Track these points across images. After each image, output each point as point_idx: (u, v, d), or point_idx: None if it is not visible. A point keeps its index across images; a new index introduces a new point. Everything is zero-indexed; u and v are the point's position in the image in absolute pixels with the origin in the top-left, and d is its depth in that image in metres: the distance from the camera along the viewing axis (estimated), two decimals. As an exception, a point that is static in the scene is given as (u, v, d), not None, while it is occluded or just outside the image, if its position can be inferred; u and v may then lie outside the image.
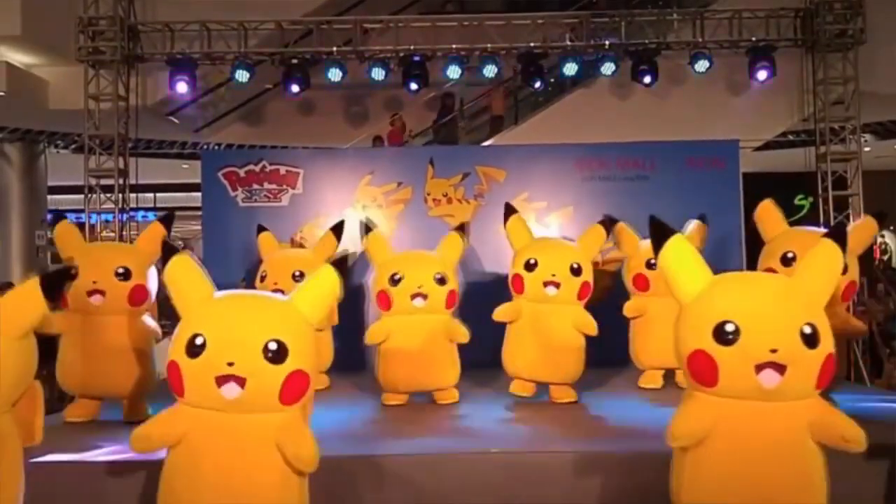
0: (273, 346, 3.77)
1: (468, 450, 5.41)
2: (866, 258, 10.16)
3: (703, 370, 3.70)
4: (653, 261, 7.38)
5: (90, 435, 5.76)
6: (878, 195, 11.92)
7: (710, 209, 8.68)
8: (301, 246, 9.33)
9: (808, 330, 3.66)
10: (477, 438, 5.87)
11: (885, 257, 19.59)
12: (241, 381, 3.74)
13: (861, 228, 6.49)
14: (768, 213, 6.65)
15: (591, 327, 6.80)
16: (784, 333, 3.65)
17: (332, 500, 4.94)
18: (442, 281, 6.87)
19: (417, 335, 6.84)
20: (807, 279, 3.90)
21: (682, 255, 3.94)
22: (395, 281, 6.83)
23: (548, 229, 9.58)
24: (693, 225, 7.80)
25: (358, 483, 5.05)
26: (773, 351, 3.60)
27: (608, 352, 8.97)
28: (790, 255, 6.32)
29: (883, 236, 20.01)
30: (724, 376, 3.66)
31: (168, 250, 4.15)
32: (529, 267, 6.78)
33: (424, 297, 6.80)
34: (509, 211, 7.18)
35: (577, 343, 6.84)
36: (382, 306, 6.94)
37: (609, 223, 7.53)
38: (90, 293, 6.15)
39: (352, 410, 6.91)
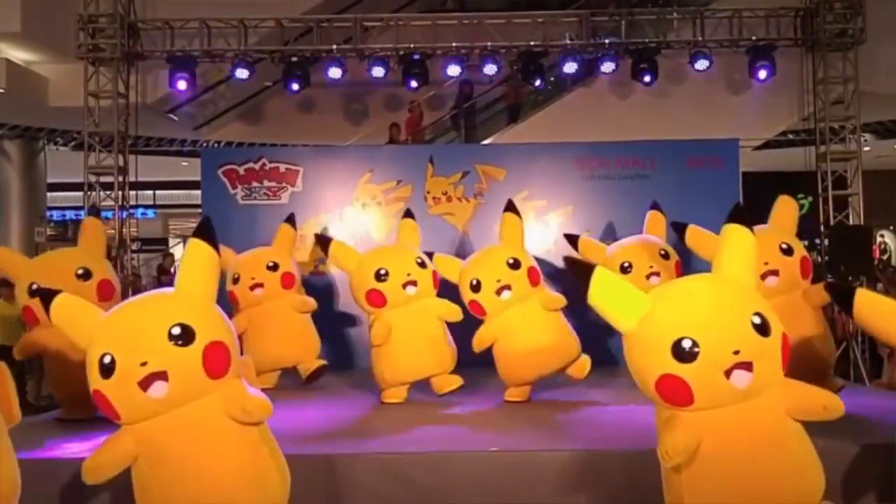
0: (176, 330, 3.74)
1: (468, 449, 5.41)
2: (866, 257, 10.19)
3: (676, 393, 3.65)
4: (626, 264, 7.51)
5: (84, 432, 5.77)
6: (877, 194, 11.94)
7: (710, 208, 8.61)
8: None
9: (757, 320, 3.64)
10: (476, 437, 5.87)
11: (885, 256, 19.57)
12: (163, 376, 3.70)
13: (781, 209, 6.51)
14: (699, 238, 6.58)
15: (559, 301, 6.80)
16: (740, 331, 3.63)
17: (330, 499, 4.94)
18: (423, 264, 6.97)
19: (415, 324, 6.87)
20: (731, 270, 3.87)
21: (612, 286, 3.84)
22: (381, 276, 6.83)
23: (547, 227, 9.60)
24: (649, 216, 7.83)
25: (357, 481, 5.04)
26: (736, 352, 3.58)
27: (604, 352, 8.99)
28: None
29: (882, 236, 20.00)
30: (698, 391, 3.62)
31: (44, 296, 4.08)
32: (475, 288, 6.74)
33: (415, 283, 6.86)
34: (431, 257, 7.16)
35: (559, 323, 6.88)
36: (376, 304, 6.91)
37: (571, 239, 7.74)
38: None
39: (348, 409, 6.91)
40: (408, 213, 7.50)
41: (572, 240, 7.91)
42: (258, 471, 3.93)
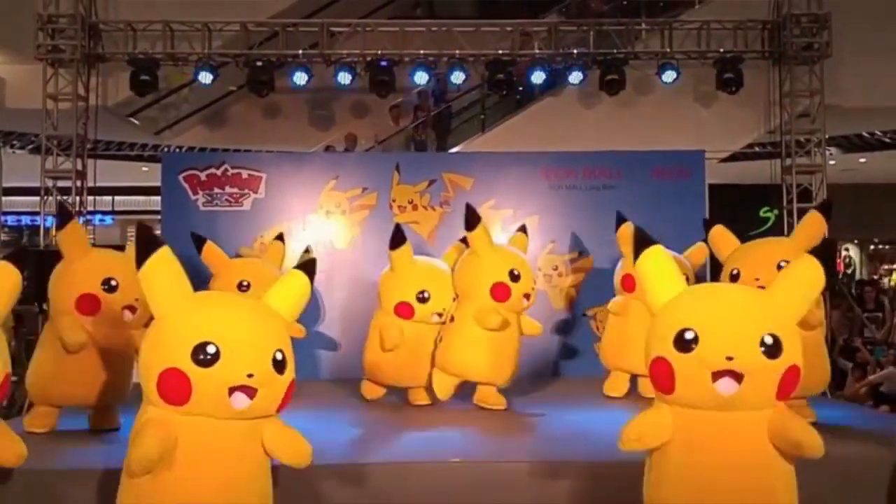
0: (279, 356, 3.76)
1: (431, 459, 5.34)
2: (829, 271, 10.21)
3: (661, 377, 3.72)
4: None
5: (54, 443, 5.64)
6: (842, 208, 11.97)
7: (676, 219, 8.67)
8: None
9: (769, 340, 3.60)
10: (440, 447, 5.78)
11: (849, 270, 19.78)
12: (253, 393, 3.69)
13: (808, 224, 6.52)
14: (722, 237, 6.64)
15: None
16: (743, 341, 3.61)
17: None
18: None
19: (421, 337, 7.15)
20: (781, 292, 3.85)
21: (660, 264, 3.95)
22: (422, 298, 7.13)
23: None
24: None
25: (321, 492, 4.95)
26: (729, 358, 3.56)
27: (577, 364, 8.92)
28: (735, 272, 6.40)
29: (847, 249, 20.22)
30: (680, 382, 3.65)
31: (148, 241, 3.85)
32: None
33: (440, 314, 7.15)
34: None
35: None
36: (403, 316, 7.17)
37: (618, 221, 7.70)
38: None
39: (310, 419, 6.75)
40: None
41: (619, 221, 7.76)
42: (253, 489, 3.90)
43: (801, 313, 3.85)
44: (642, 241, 4.00)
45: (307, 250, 8.07)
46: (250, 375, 3.63)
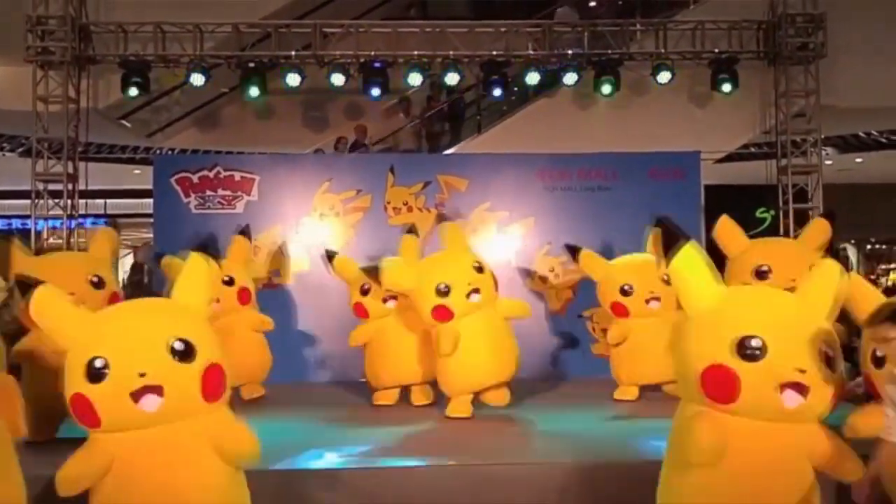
0: (178, 345, 3.61)
1: (428, 462, 5.30)
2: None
3: (723, 386, 3.52)
4: (626, 287, 7.34)
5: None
6: (838, 208, 11.93)
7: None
8: None
9: (828, 351, 3.55)
10: (437, 449, 5.75)
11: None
12: (158, 391, 3.57)
13: (815, 230, 6.52)
14: (728, 229, 6.58)
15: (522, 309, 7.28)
16: (808, 353, 3.52)
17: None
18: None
19: (401, 330, 7.37)
20: (813, 296, 3.75)
21: (695, 264, 3.76)
22: (364, 292, 7.48)
23: (509, 239, 9.48)
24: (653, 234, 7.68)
25: (318, 495, 4.92)
26: (801, 371, 3.47)
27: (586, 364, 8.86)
28: (764, 268, 6.32)
29: (844, 249, 20.18)
30: (746, 392, 3.48)
31: (24, 287, 3.80)
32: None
33: (394, 297, 7.39)
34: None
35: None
36: (360, 315, 7.55)
37: (573, 251, 7.84)
38: None
39: (301, 424, 6.78)
40: (411, 230, 7.81)
41: (574, 251, 7.84)
42: (226, 494, 3.81)
43: (832, 318, 3.74)
44: (673, 239, 3.79)
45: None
46: (142, 375, 3.54)
